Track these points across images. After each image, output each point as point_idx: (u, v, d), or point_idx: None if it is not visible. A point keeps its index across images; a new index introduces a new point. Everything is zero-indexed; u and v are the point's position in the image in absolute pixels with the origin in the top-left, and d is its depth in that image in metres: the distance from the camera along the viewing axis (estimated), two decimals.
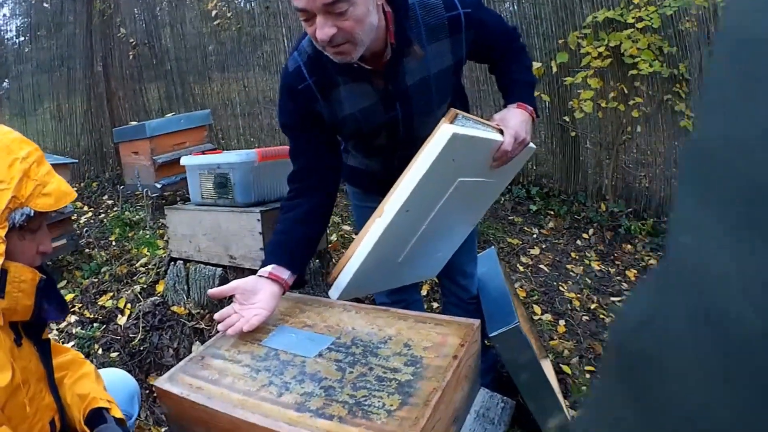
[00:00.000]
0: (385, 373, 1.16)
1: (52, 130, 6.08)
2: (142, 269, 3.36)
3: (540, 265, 4.09)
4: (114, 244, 3.96)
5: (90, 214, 4.76)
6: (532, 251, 4.27)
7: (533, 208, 4.97)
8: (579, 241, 4.61)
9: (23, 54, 6.19)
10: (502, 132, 1.56)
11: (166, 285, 2.85)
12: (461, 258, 2.10)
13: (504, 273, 2.45)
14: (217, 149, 3.64)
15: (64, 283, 3.38)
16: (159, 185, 4.32)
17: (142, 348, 2.55)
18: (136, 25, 6.13)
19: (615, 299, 3.82)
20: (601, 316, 3.57)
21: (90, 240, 4.01)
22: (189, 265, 2.76)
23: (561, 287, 3.82)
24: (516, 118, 1.59)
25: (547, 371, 2.16)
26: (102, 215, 4.70)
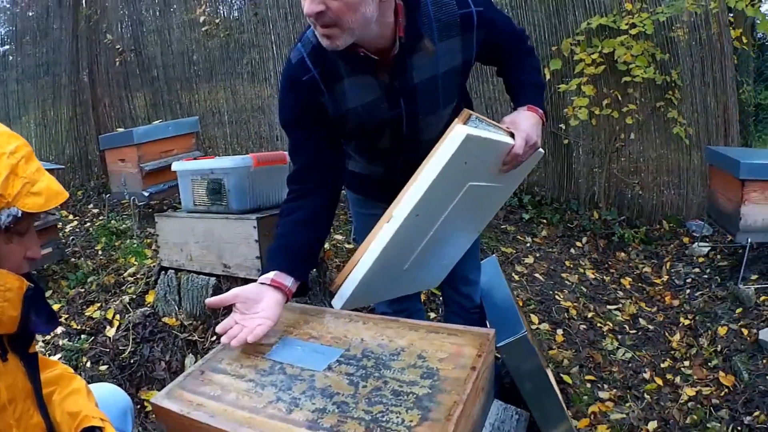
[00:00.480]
0: (400, 386, 1.09)
1: (36, 138, 5.96)
2: (131, 279, 3.27)
3: (535, 274, 4.05)
4: (100, 253, 3.87)
5: (75, 222, 4.66)
6: (526, 260, 4.23)
7: (526, 216, 4.95)
8: (572, 250, 4.58)
9: (8, 61, 6.10)
10: (512, 135, 1.51)
11: (156, 295, 2.76)
12: (464, 265, 2.04)
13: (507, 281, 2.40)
14: (209, 156, 3.57)
15: (50, 293, 3.29)
16: (146, 193, 4.24)
17: (132, 361, 2.46)
18: (123, 31, 6.05)
19: (611, 307, 3.79)
20: (599, 325, 3.53)
21: (76, 249, 3.92)
22: (181, 274, 2.68)
23: (557, 296, 3.78)
24: (527, 121, 1.54)
25: (551, 380, 2.12)
26: (88, 224, 4.60)
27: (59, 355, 2.60)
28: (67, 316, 2.98)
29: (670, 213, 5.11)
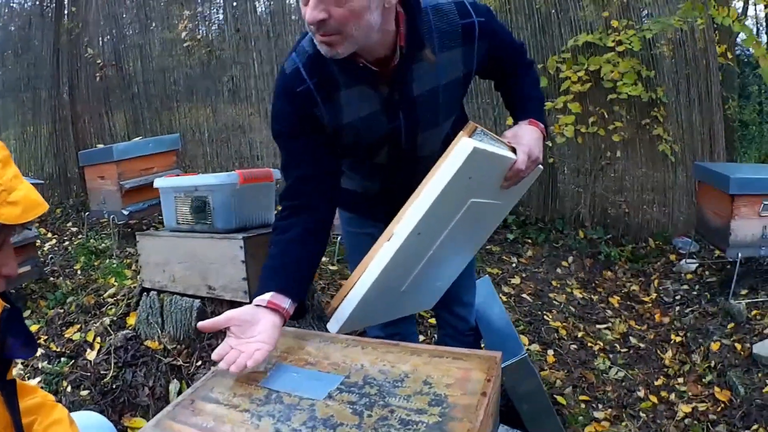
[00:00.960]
0: (408, 415, 1.02)
1: (16, 153, 5.85)
2: (111, 300, 3.16)
3: (522, 295, 4.01)
4: (79, 273, 3.76)
5: (54, 241, 4.55)
6: (512, 280, 4.20)
7: (510, 236, 4.93)
8: (559, 269, 4.56)
9: None
10: (514, 150, 1.46)
11: (138, 317, 2.65)
12: (460, 287, 1.97)
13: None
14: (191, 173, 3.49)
15: (28, 312, 3.18)
16: (126, 212, 4.15)
17: (114, 386, 2.36)
18: (104, 45, 5.98)
19: (601, 326, 3.76)
20: (590, 344, 3.50)
21: (55, 268, 3.81)
22: (163, 296, 2.58)
23: (546, 316, 3.74)
24: (529, 135, 1.50)
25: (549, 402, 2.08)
26: (66, 243, 4.50)
27: (39, 379, 2.49)
28: (46, 338, 2.88)
29: (656, 230, 5.12)
